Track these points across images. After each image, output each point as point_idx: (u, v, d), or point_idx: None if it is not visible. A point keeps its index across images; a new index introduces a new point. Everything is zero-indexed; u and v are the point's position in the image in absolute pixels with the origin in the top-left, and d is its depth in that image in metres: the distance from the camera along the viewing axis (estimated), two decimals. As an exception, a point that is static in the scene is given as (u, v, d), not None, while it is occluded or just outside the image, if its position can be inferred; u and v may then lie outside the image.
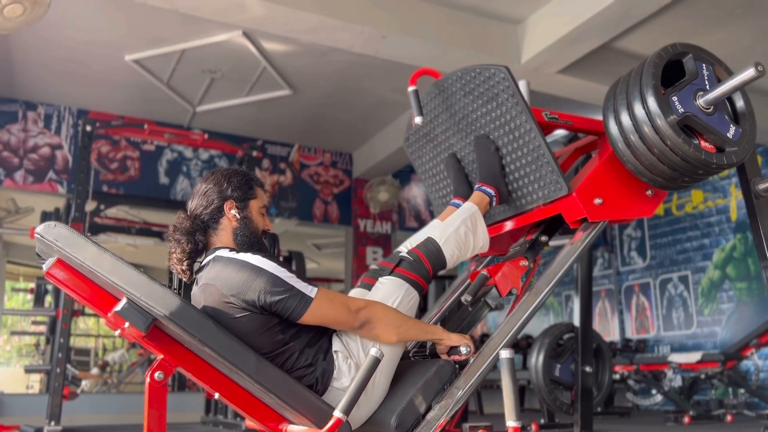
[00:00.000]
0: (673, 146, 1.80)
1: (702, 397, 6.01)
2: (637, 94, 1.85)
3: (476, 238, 2.01)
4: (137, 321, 1.46)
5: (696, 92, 1.89)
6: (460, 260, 1.99)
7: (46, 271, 1.55)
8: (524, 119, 2.02)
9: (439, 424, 1.64)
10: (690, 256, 6.72)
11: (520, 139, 2.05)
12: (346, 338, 1.71)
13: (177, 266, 1.76)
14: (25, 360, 8.41)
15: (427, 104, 2.37)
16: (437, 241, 1.92)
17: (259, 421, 1.67)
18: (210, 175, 1.84)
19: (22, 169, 5.98)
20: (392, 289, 1.82)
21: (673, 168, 1.86)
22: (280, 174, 7.05)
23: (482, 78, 2.13)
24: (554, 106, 5.91)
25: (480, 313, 2.12)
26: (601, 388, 4.05)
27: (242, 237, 1.78)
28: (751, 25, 4.68)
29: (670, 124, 1.79)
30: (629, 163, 1.94)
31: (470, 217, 2.02)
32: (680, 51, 1.92)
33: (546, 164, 2.00)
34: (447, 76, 2.27)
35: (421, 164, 2.51)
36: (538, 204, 2.08)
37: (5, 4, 3.09)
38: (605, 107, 1.99)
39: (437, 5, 4.55)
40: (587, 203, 1.97)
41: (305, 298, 1.61)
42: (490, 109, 2.12)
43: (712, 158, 1.84)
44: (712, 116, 1.89)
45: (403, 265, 1.88)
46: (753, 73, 1.75)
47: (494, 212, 2.24)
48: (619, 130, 1.91)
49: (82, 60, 5.28)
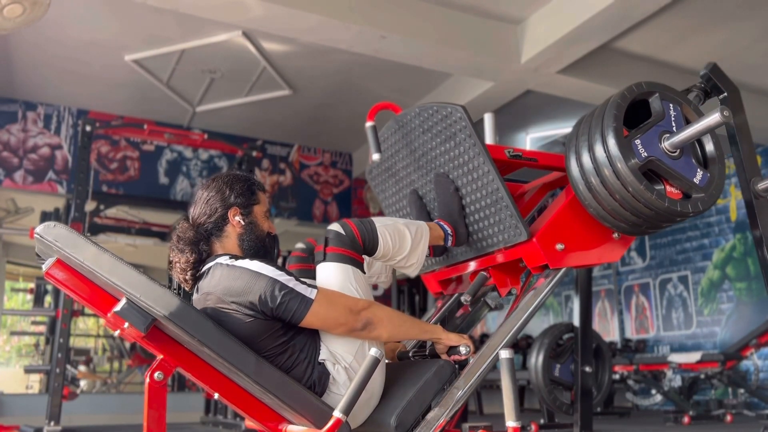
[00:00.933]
0: (635, 192, 1.70)
1: (702, 397, 6.01)
2: (599, 136, 1.74)
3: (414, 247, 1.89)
4: (137, 321, 1.46)
5: (662, 134, 1.78)
6: (389, 257, 1.86)
7: (46, 272, 1.55)
8: (482, 161, 1.92)
9: (438, 425, 1.64)
10: (690, 256, 6.72)
11: (478, 180, 1.95)
12: (330, 345, 1.68)
13: (180, 275, 1.74)
14: (25, 360, 8.41)
15: (388, 139, 2.27)
16: (375, 223, 1.83)
17: (258, 422, 1.67)
18: (211, 182, 1.82)
19: (21, 169, 5.98)
20: (341, 276, 1.72)
21: (636, 215, 1.77)
22: (280, 174, 7.05)
23: (439, 116, 2.03)
24: (554, 106, 5.95)
25: (480, 313, 2.12)
26: (600, 388, 4.05)
27: (248, 242, 1.77)
28: (751, 25, 4.69)
29: (631, 169, 1.69)
30: (591, 207, 1.83)
31: (418, 228, 1.92)
32: (645, 90, 1.82)
33: (505, 208, 1.89)
34: (406, 112, 2.17)
35: (384, 198, 2.42)
36: (499, 247, 1.98)
37: (5, 5, 3.09)
38: (567, 147, 1.89)
39: (437, 5, 4.55)
40: (548, 249, 1.86)
41: (306, 300, 1.61)
42: (448, 148, 2.03)
43: (675, 205, 1.73)
44: (678, 160, 1.78)
45: (333, 242, 1.75)
46: (718, 118, 1.68)
47: (457, 252, 2.16)
48: (580, 173, 1.80)
49: (81, 60, 5.28)
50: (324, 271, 1.74)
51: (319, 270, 1.76)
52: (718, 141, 1.89)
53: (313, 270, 1.81)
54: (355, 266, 1.75)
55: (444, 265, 2.24)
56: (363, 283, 1.75)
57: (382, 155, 2.26)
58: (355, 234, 1.76)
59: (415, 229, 1.91)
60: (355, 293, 1.70)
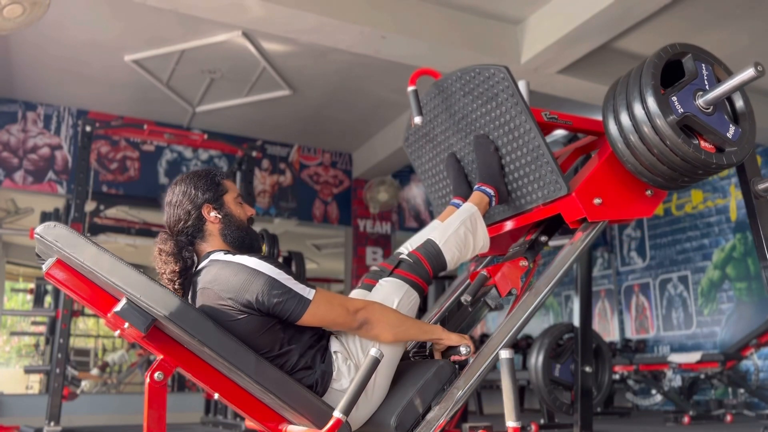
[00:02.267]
0: (673, 146, 1.80)
1: (702, 397, 6.01)
2: (637, 94, 1.84)
3: (476, 238, 2.01)
4: (137, 321, 1.46)
5: (695, 92, 1.88)
6: (460, 261, 1.99)
7: (46, 272, 1.55)
8: (524, 119, 2.01)
9: (438, 425, 1.64)
10: (690, 256, 6.72)
11: (519, 139, 2.04)
12: (345, 339, 1.71)
13: (169, 286, 1.72)
14: (25, 360, 8.41)
15: (427, 104, 2.37)
16: (437, 243, 1.92)
17: (258, 422, 1.67)
18: (174, 186, 1.80)
19: (21, 170, 5.98)
20: (392, 290, 1.82)
21: (673, 168, 1.86)
22: (280, 174, 7.05)
23: (482, 78, 2.12)
24: (554, 106, 5.91)
25: (480, 313, 2.11)
26: (600, 388, 4.05)
27: (231, 235, 1.77)
28: (750, 25, 4.69)
29: (669, 124, 1.79)
30: (629, 164, 1.94)
31: (470, 217, 2.02)
32: (679, 51, 1.91)
33: (545, 164, 1.99)
34: (446, 76, 2.27)
35: (421, 164, 2.51)
36: (538, 204, 2.07)
37: (5, 5, 3.09)
38: (605, 107, 1.99)
39: (437, 5, 4.55)
40: (587, 203, 1.96)
41: (303, 299, 1.61)
42: (489, 109, 2.12)
43: (711, 158, 1.83)
44: (712, 116, 1.88)
45: (402, 266, 1.87)
46: (752, 73, 1.75)
47: (494, 212, 2.23)
48: (619, 131, 1.91)
49: (81, 60, 5.28)
50: (381, 282, 1.85)
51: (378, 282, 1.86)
52: (748, 98, 1.99)
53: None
54: (415, 289, 1.85)
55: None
56: (410, 304, 1.83)
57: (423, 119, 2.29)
58: (425, 266, 1.87)
59: (468, 218, 2.01)
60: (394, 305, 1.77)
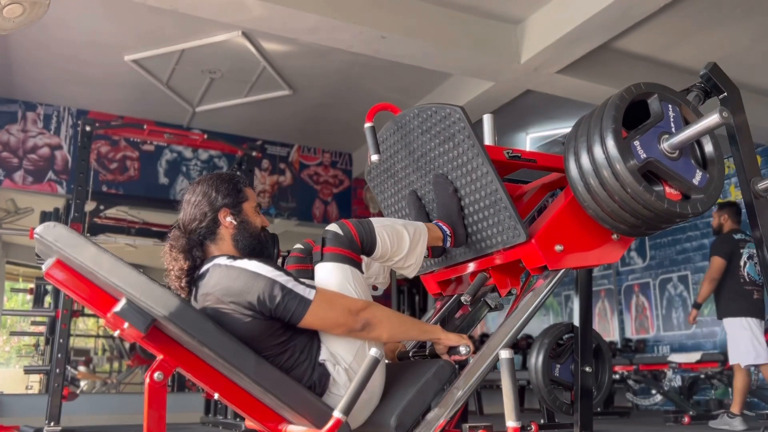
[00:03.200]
0: (634, 194, 1.70)
1: (701, 397, 6.02)
2: (598, 137, 1.74)
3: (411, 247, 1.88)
4: (137, 321, 1.45)
5: (661, 135, 1.77)
6: (387, 258, 1.85)
7: (46, 272, 1.55)
8: (480, 162, 1.91)
9: (438, 425, 1.64)
10: (689, 256, 6.72)
11: (477, 181, 1.94)
12: (330, 346, 1.68)
13: (175, 283, 1.72)
14: (25, 360, 8.40)
15: (387, 139, 2.27)
16: (373, 224, 1.82)
17: (258, 422, 1.67)
18: (196, 185, 1.80)
19: (21, 170, 5.98)
20: (340, 276, 1.71)
21: (635, 216, 1.76)
22: (280, 174, 7.05)
23: (438, 117, 2.03)
24: (554, 106, 5.95)
25: (479, 313, 2.12)
26: (600, 388, 4.04)
27: (243, 241, 1.77)
28: (750, 25, 4.69)
29: (630, 171, 1.68)
30: (590, 209, 1.83)
31: (416, 229, 1.92)
32: (644, 91, 1.81)
33: (503, 209, 1.88)
34: (405, 113, 2.17)
35: (384, 199, 2.43)
36: (498, 249, 1.97)
37: (5, 5, 3.09)
38: (566, 148, 1.89)
39: (437, 5, 4.55)
40: (547, 251, 1.85)
41: (304, 300, 1.60)
42: (447, 149, 2.02)
43: (675, 207, 1.73)
44: (677, 161, 1.77)
45: (330, 241, 1.74)
46: (717, 119, 1.68)
47: (456, 253, 2.15)
48: (579, 174, 1.80)
49: (81, 60, 5.28)
50: (322, 271, 1.73)
51: (317, 270, 1.75)
52: (717, 142, 1.88)
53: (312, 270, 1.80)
54: (354, 266, 1.74)
55: (443, 266, 2.23)
56: (361, 283, 1.74)
57: (381, 156, 2.25)
58: (353, 234, 1.75)
59: (414, 229, 1.90)
60: (354, 293, 1.69)
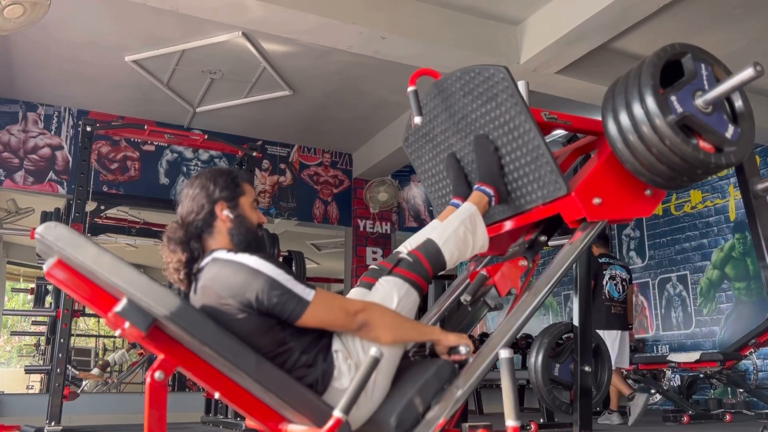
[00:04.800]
0: (672, 146, 1.80)
1: (701, 396, 6.02)
2: (636, 94, 1.84)
3: (475, 238, 2.01)
4: (137, 321, 1.46)
5: (695, 92, 1.88)
6: (459, 260, 1.98)
7: (47, 272, 1.55)
8: (523, 119, 2.01)
9: (438, 424, 1.64)
10: (689, 255, 6.73)
11: (519, 139, 2.04)
12: (345, 338, 1.71)
13: (174, 276, 1.74)
14: (26, 360, 8.42)
15: (427, 104, 2.36)
16: (436, 242, 1.91)
17: (259, 421, 1.67)
18: (195, 179, 1.82)
19: (22, 170, 5.98)
20: (392, 289, 1.81)
21: (672, 168, 1.86)
22: (280, 174, 7.06)
23: (481, 78, 2.12)
24: (553, 107, 5.91)
25: (479, 313, 2.12)
26: (600, 387, 4.05)
27: (239, 236, 1.78)
28: (750, 25, 4.69)
29: (668, 124, 1.78)
30: (628, 163, 1.93)
31: (469, 217, 2.01)
32: (679, 51, 1.91)
33: (545, 164, 1.98)
34: (446, 76, 2.27)
35: (421, 164, 2.51)
36: (537, 204, 2.07)
37: (5, 5, 3.09)
38: (604, 107, 1.99)
39: (437, 6, 4.56)
40: (586, 203, 1.95)
41: (302, 301, 1.61)
42: (489, 109, 2.11)
43: (710, 158, 1.83)
44: (711, 116, 1.88)
45: (402, 265, 1.87)
46: (752, 72, 1.75)
47: (493, 212, 2.23)
48: (618, 130, 1.90)
49: (82, 61, 5.29)
50: (381, 281, 1.84)
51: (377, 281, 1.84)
52: (747, 98, 1.98)
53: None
54: (415, 288, 1.83)
55: None
56: (410, 304, 1.82)
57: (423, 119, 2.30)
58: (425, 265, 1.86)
59: (468, 217, 2.00)
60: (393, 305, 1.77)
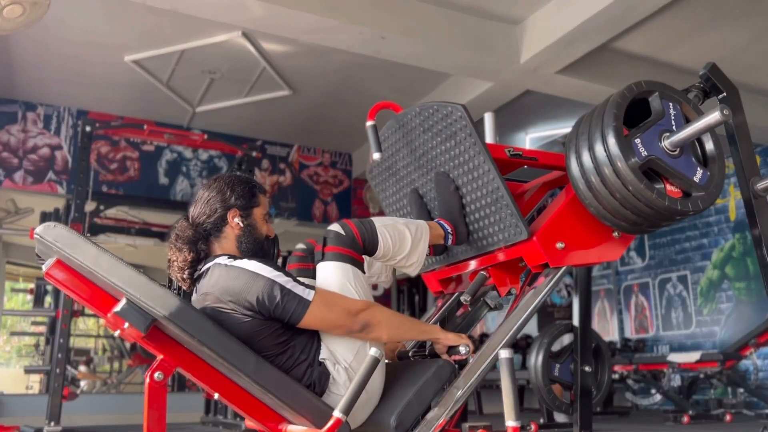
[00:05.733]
0: (635, 192, 1.71)
1: (701, 396, 6.02)
2: (599, 135, 1.75)
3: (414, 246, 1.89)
4: (137, 321, 1.46)
5: (662, 133, 1.78)
6: (389, 257, 1.86)
7: (46, 272, 1.55)
8: (482, 160, 1.92)
9: (438, 424, 1.64)
10: (689, 255, 6.72)
11: (479, 179, 1.96)
12: (331, 345, 1.69)
13: (177, 274, 1.74)
14: (25, 360, 8.41)
15: (388, 138, 2.28)
16: (375, 223, 1.83)
17: (258, 421, 1.67)
18: (213, 182, 1.82)
19: (21, 170, 5.98)
20: (341, 277, 1.72)
21: (636, 213, 1.77)
22: (280, 174, 7.06)
23: (440, 115, 2.04)
24: (553, 106, 5.95)
25: (479, 313, 2.12)
26: (600, 387, 4.04)
27: (246, 245, 1.78)
28: (749, 25, 4.69)
29: (631, 168, 1.69)
30: (591, 207, 1.84)
31: (418, 227, 1.93)
32: (645, 89, 1.82)
33: (505, 207, 1.90)
34: (406, 111, 2.18)
35: (385, 198, 2.43)
36: (500, 246, 1.98)
37: (5, 5, 3.09)
38: (567, 146, 1.89)
39: (436, 5, 4.56)
40: (548, 248, 1.86)
41: (303, 301, 1.61)
42: (448, 147, 2.03)
43: (676, 204, 1.74)
44: (678, 159, 1.79)
45: (331, 240, 1.75)
46: (718, 117, 1.69)
47: (457, 251, 2.16)
48: (581, 172, 1.81)
49: (81, 60, 5.29)
50: (323, 270, 1.74)
51: (318, 269, 1.76)
52: (718, 140, 1.89)
53: (313, 269, 1.81)
54: (355, 266, 1.74)
55: (444, 264, 2.24)
56: (362, 282, 1.75)
57: (382, 155, 2.26)
58: (355, 234, 1.75)
59: (415, 228, 1.91)
60: (354, 293, 1.70)
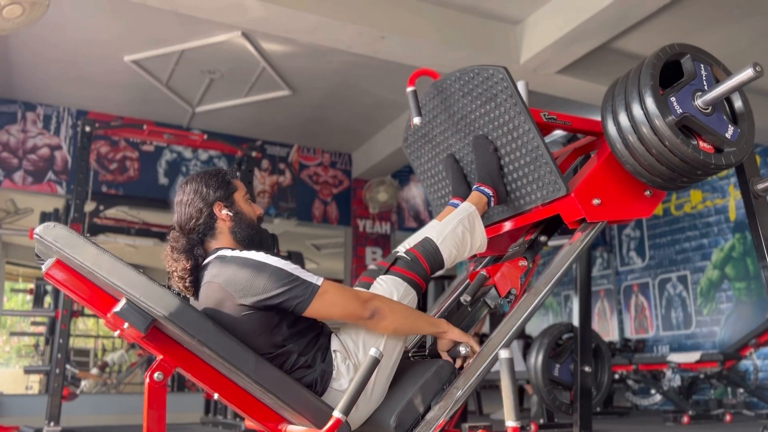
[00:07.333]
0: (672, 147, 1.80)
1: (701, 396, 6.02)
2: (636, 95, 1.84)
3: (474, 238, 2.01)
4: (136, 321, 1.46)
5: (694, 92, 1.88)
6: (457, 260, 1.98)
7: (46, 272, 1.55)
8: (522, 120, 2.01)
9: (438, 424, 1.64)
10: (689, 256, 6.72)
11: (518, 139, 2.04)
12: (344, 338, 1.71)
13: (179, 284, 1.73)
14: (25, 361, 8.40)
15: (426, 105, 2.36)
16: (434, 241, 1.91)
17: (258, 422, 1.67)
18: (185, 185, 1.81)
19: (21, 170, 5.98)
20: (390, 287, 1.81)
21: (672, 169, 1.86)
22: (280, 174, 7.05)
23: (481, 78, 2.12)
24: (553, 107, 5.94)
25: (479, 313, 2.12)
26: (600, 388, 4.05)
27: (241, 232, 1.78)
28: (749, 25, 4.69)
29: (668, 125, 1.78)
30: (628, 164, 1.94)
31: (468, 216, 2.01)
32: (678, 51, 1.91)
33: (544, 164, 1.99)
34: (446, 77, 2.27)
35: (420, 165, 2.51)
36: (537, 204, 2.07)
37: (4, 5, 3.09)
38: (603, 108, 1.99)
39: (436, 5, 4.56)
40: (586, 204, 1.96)
41: (311, 286, 1.60)
42: (488, 110, 2.11)
43: (710, 159, 1.83)
44: (711, 117, 1.88)
45: (399, 263, 1.86)
46: (751, 73, 1.76)
47: (493, 213, 2.23)
48: (618, 131, 1.91)
49: (81, 61, 5.28)
50: (379, 280, 1.83)
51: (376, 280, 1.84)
52: (747, 98, 1.99)
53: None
54: (413, 287, 1.83)
55: None
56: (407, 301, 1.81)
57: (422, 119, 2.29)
58: (422, 263, 1.86)
59: (466, 217, 2.00)
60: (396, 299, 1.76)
